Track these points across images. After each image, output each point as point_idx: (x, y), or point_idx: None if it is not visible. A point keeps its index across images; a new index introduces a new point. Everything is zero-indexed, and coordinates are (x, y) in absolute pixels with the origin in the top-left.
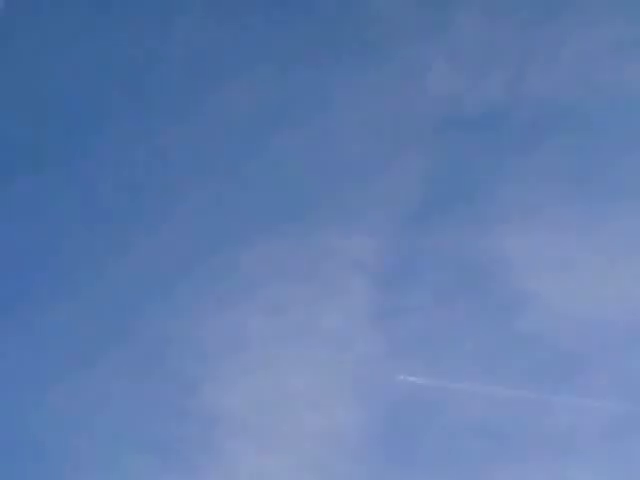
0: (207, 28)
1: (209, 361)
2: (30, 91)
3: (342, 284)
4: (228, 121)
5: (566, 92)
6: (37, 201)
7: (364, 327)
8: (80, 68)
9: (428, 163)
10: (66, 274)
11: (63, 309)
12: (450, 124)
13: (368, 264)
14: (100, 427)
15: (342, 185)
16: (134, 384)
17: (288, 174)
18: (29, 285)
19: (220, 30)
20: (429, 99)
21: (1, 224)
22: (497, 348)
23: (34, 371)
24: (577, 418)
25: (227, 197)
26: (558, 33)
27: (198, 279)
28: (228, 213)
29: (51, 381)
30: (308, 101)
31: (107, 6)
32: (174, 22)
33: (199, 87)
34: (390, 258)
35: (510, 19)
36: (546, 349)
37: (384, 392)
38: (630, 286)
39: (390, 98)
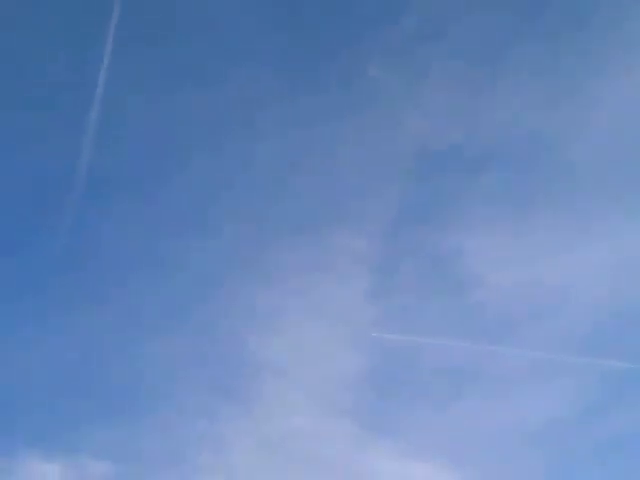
0: None
1: (255, 325)
2: None
3: (346, 272)
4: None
5: (505, 136)
6: None
7: (362, 301)
8: None
9: (407, 187)
10: None
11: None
12: (421, 158)
13: (365, 258)
14: (173, 372)
15: (345, 201)
16: (201, 343)
17: (308, 195)
18: None
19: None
20: (406, 136)
21: None
22: (457, 313)
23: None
24: (514, 363)
25: (269, 212)
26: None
27: (243, 269)
28: (269, 223)
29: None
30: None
31: None
32: None
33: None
34: (381, 253)
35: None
36: (491, 313)
37: (376, 345)
38: (550, 270)
39: (378, 140)
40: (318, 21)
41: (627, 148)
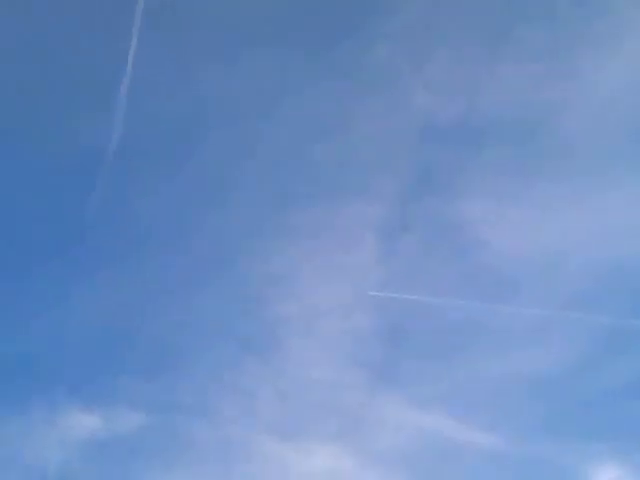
0: None
1: (274, 285)
2: None
3: (357, 236)
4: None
5: (505, 111)
6: None
7: (373, 263)
8: None
9: (414, 158)
10: None
11: None
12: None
13: (375, 224)
14: (202, 329)
15: (357, 172)
16: (226, 303)
17: (322, 166)
18: None
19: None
20: (414, 113)
21: None
22: (462, 274)
23: None
24: (514, 320)
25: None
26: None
27: (262, 234)
28: (287, 191)
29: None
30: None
31: None
32: None
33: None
34: (390, 220)
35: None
36: (493, 274)
37: (386, 303)
38: (547, 234)
39: (387, 116)
40: (326, 10)
41: (616, 121)
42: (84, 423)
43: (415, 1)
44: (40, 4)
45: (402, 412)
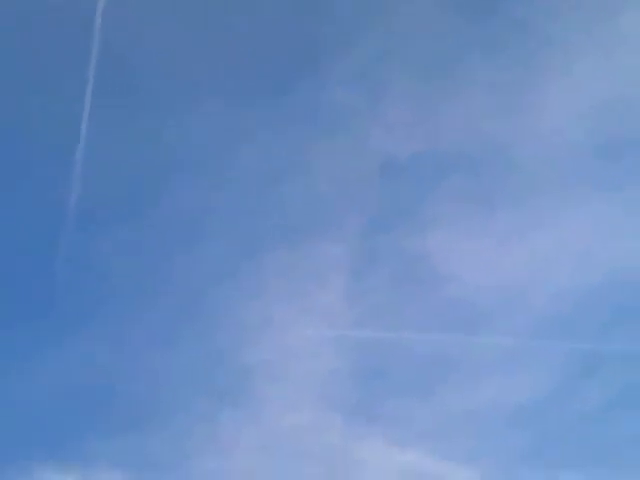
0: None
1: (245, 332)
2: None
3: (325, 276)
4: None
5: (461, 143)
6: None
7: (342, 302)
8: None
9: (376, 195)
10: None
11: None
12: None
13: (342, 262)
14: (174, 382)
15: (321, 212)
16: (197, 353)
17: (285, 209)
18: None
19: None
20: (373, 150)
21: None
22: (431, 308)
23: None
24: (488, 351)
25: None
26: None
27: (229, 281)
28: (252, 236)
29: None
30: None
31: None
32: None
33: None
34: (356, 258)
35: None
36: (463, 306)
37: (358, 342)
38: (512, 262)
39: (347, 155)
40: (279, 55)
41: (571, 145)
42: None
43: (367, 41)
44: None
45: (382, 451)
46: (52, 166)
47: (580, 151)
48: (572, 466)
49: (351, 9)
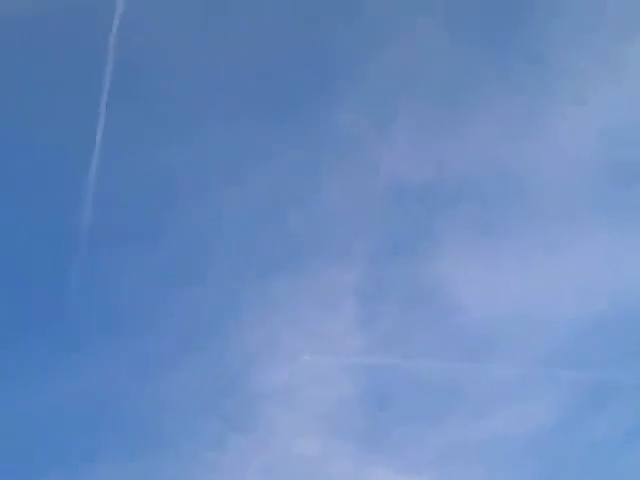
0: None
1: (254, 358)
2: None
3: (335, 303)
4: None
5: (471, 171)
6: None
7: (352, 329)
8: None
9: (386, 223)
10: None
11: None
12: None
13: (351, 289)
14: (182, 407)
15: (331, 239)
16: (206, 380)
17: (296, 235)
18: None
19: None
20: (382, 177)
21: None
22: (440, 336)
23: None
24: (497, 379)
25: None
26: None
27: (239, 308)
28: (263, 263)
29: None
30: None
31: None
32: None
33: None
34: (366, 285)
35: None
36: (472, 335)
37: (367, 369)
38: (523, 291)
39: (357, 182)
40: (289, 78)
41: (583, 174)
42: None
43: (379, 67)
44: (7, 81)
45: (391, 479)
46: (65, 184)
47: (591, 179)
48: None
49: (364, 35)
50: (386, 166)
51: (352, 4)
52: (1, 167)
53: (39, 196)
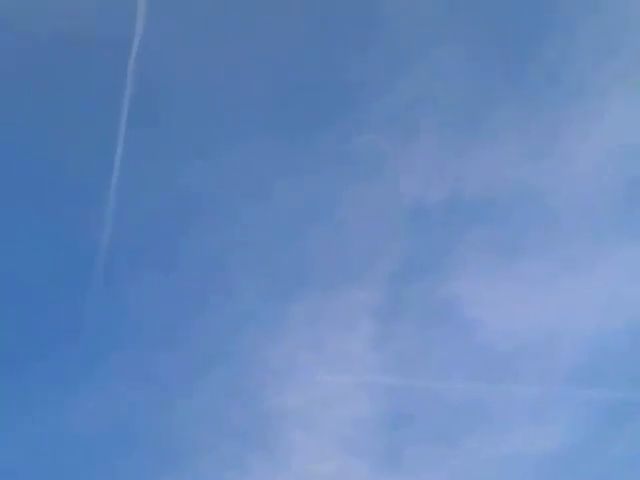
0: None
1: (272, 377)
2: None
3: (353, 322)
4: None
5: (491, 190)
6: None
7: (370, 348)
8: None
9: (404, 241)
10: None
11: None
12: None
13: (370, 308)
14: (201, 428)
15: (349, 257)
16: (224, 399)
17: (314, 254)
18: None
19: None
20: (401, 197)
21: None
22: (459, 355)
23: None
24: (516, 399)
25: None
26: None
27: (257, 326)
28: (281, 282)
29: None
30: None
31: None
32: None
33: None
34: (384, 304)
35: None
36: (488, 354)
37: (386, 389)
38: (542, 310)
39: (376, 200)
40: (309, 99)
41: (601, 192)
42: None
43: (399, 86)
44: (27, 104)
45: None
46: (86, 201)
47: (611, 197)
48: None
49: (387, 56)
50: (406, 185)
51: (375, 24)
52: (21, 189)
53: (60, 214)
